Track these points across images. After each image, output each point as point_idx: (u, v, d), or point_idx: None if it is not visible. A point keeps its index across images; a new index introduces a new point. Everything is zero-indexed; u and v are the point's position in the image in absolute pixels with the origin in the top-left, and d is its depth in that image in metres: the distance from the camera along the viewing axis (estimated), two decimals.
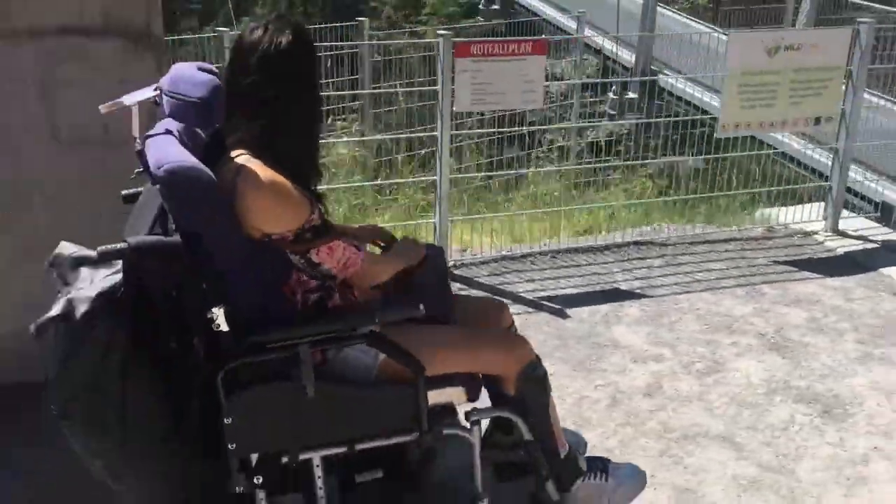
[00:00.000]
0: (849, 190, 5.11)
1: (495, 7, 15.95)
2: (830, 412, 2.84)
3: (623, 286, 3.88)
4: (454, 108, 3.87)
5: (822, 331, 3.44)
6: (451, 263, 2.30)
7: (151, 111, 1.82)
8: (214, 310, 1.80)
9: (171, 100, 1.68)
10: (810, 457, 2.59)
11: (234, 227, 1.66)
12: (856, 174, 5.08)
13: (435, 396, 1.84)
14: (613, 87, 9.42)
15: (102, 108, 1.77)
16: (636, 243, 4.40)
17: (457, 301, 2.15)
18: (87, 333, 1.56)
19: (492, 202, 5.42)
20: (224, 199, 1.63)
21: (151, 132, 1.73)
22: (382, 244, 2.19)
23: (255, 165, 1.68)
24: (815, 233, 4.59)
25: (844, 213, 4.91)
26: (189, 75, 1.70)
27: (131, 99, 1.78)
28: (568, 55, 9.49)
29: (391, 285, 1.96)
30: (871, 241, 4.48)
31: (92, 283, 1.60)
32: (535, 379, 1.96)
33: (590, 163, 6.50)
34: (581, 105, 8.08)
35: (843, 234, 4.58)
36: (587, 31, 10.11)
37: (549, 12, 13.39)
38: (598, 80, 9.00)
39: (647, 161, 5.73)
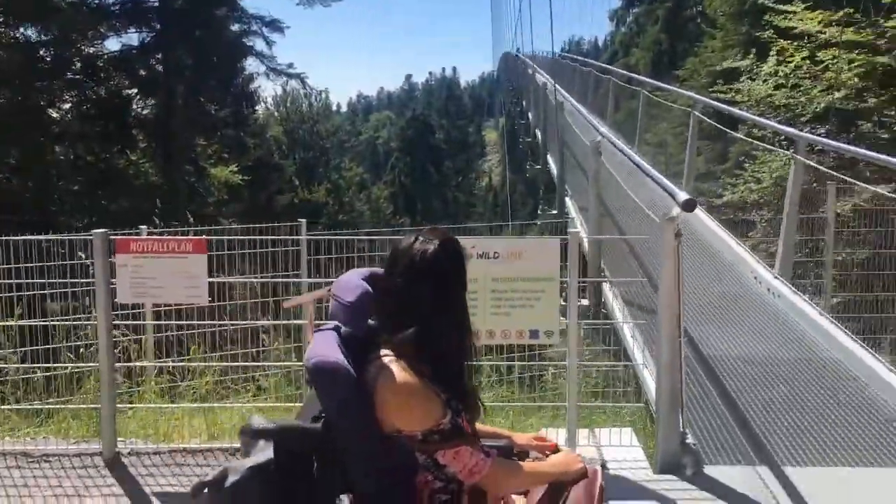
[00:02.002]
0: None
1: None
2: None
3: None
4: (116, 299, 4.08)
5: None
6: None
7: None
8: (343, 496, 1.93)
9: (333, 301, 2.00)
10: None
11: (369, 421, 1.80)
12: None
13: None
14: None
15: (285, 304, 2.40)
16: None
17: None
18: (237, 500, 1.76)
19: None
20: (362, 394, 1.80)
21: (323, 326, 1.97)
22: (548, 453, 2.15)
23: (396, 366, 1.81)
24: None
25: (634, 441, 4.32)
26: (346, 281, 2.02)
27: (307, 298, 2.37)
28: None
29: (547, 495, 1.97)
30: None
31: (254, 456, 1.83)
32: None
33: None
34: None
35: None
36: None
37: None
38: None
39: None
